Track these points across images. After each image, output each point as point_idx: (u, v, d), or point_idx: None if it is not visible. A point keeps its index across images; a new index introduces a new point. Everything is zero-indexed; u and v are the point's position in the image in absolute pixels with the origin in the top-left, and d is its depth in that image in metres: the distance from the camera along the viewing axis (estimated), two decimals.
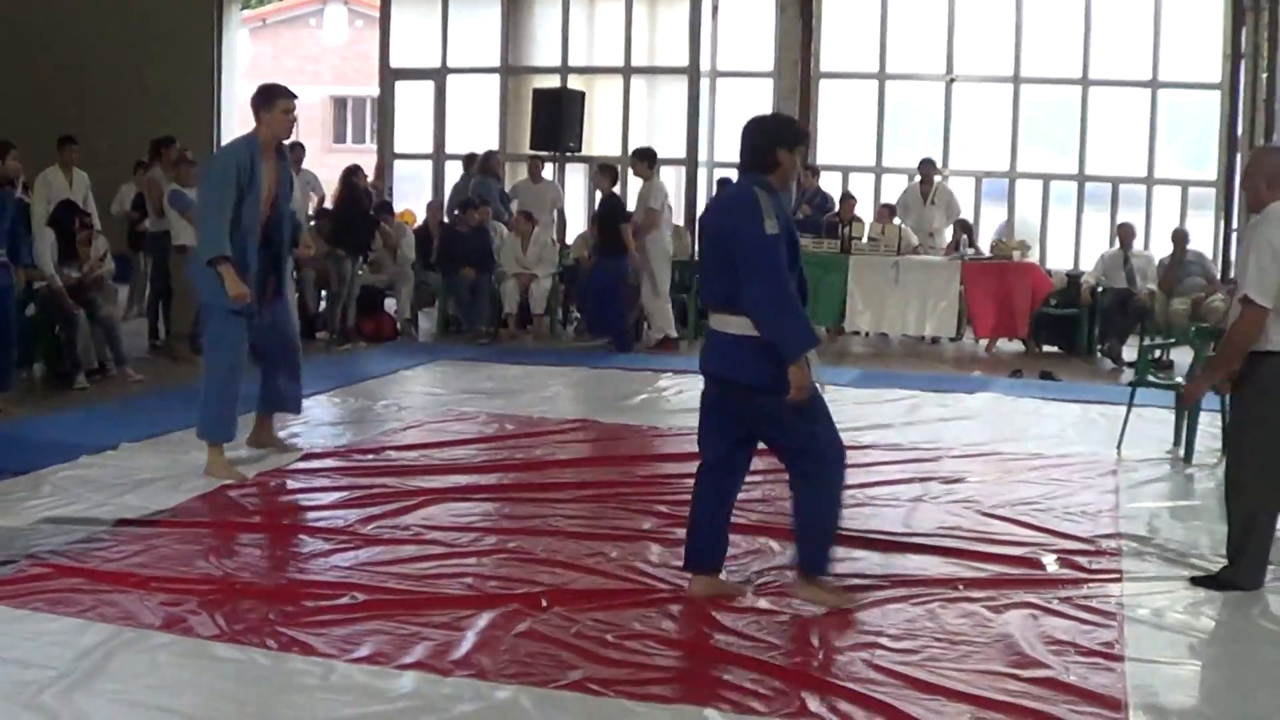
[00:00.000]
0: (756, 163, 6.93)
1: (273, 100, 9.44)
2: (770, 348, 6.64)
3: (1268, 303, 6.97)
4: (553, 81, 21.93)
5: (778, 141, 6.92)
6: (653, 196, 16.97)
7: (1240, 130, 19.86)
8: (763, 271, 6.63)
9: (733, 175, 20.50)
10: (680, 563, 7.33)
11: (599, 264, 17.07)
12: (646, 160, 17.15)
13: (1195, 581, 7.42)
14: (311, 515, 8.57)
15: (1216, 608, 7.11)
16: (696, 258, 15.54)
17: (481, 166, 19.83)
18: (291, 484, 9.39)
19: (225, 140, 22.81)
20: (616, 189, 17.58)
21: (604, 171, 17.53)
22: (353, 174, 17.46)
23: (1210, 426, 11.08)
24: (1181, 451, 10.90)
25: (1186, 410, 10.79)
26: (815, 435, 6.86)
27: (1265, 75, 19.68)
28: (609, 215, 16.99)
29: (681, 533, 7.58)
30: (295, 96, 9.64)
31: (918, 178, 19.28)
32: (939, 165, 19.87)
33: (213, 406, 9.57)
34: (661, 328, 17.25)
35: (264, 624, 6.44)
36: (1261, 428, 7.22)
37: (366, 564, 7.51)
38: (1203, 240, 19.25)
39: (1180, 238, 17.19)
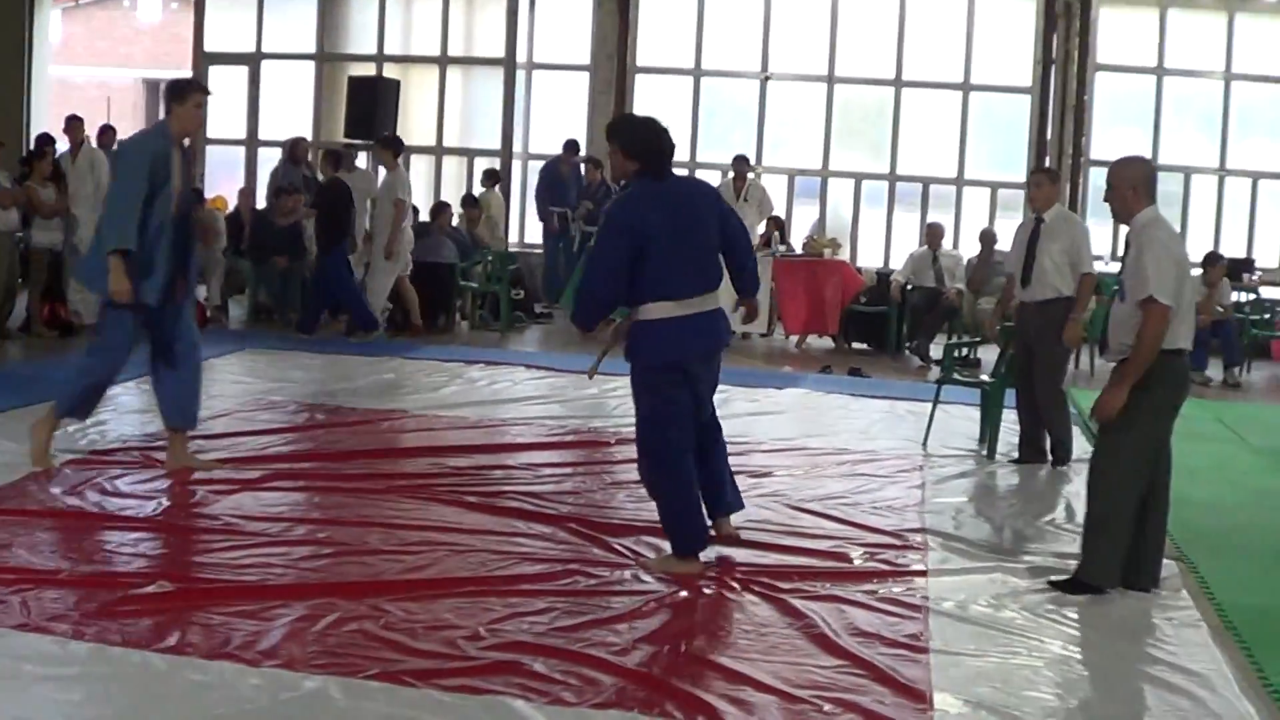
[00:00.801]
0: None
1: (185, 95, 9.17)
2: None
3: (1170, 301, 7.09)
4: (368, 70, 21.80)
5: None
6: (399, 186, 16.77)
7: (1050, 134, 20.21)
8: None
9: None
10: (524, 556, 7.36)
11: (323, 254, 16.71)
12: (392, 149, 17.08)
13: (1054, 584, 7.50)
14: (118, 504, 8.43)
15: (1020, 601, 7.25)
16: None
17: (289, 155, 19.65)
18: (99, 472, 9.22)
19: (34, 123, 22.50)
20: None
21: (328, 157, 17.42)
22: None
23: (1013, 424, 11.27)
24: (985, 449, 11.09)
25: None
26: None
27: (1074, 81, 20.05)
28: (332, 202, 16.63)
29: (493, 523, 7.75)
30: (209, 93, 9.46)
31: (731, 174, 19.39)
32: (752, 162, 19.98)
33: (77, 388, 9.42)
34: (374, 308, 16.92)
35: (69, 614, 6.34)
36: (1135, 426, 7.30)
37: (175, 554, 7.45)
38: (1010, 241, 19.53)
39: (988, 238, 17.49)
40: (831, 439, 11.55)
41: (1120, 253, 19.73)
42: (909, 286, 17.45)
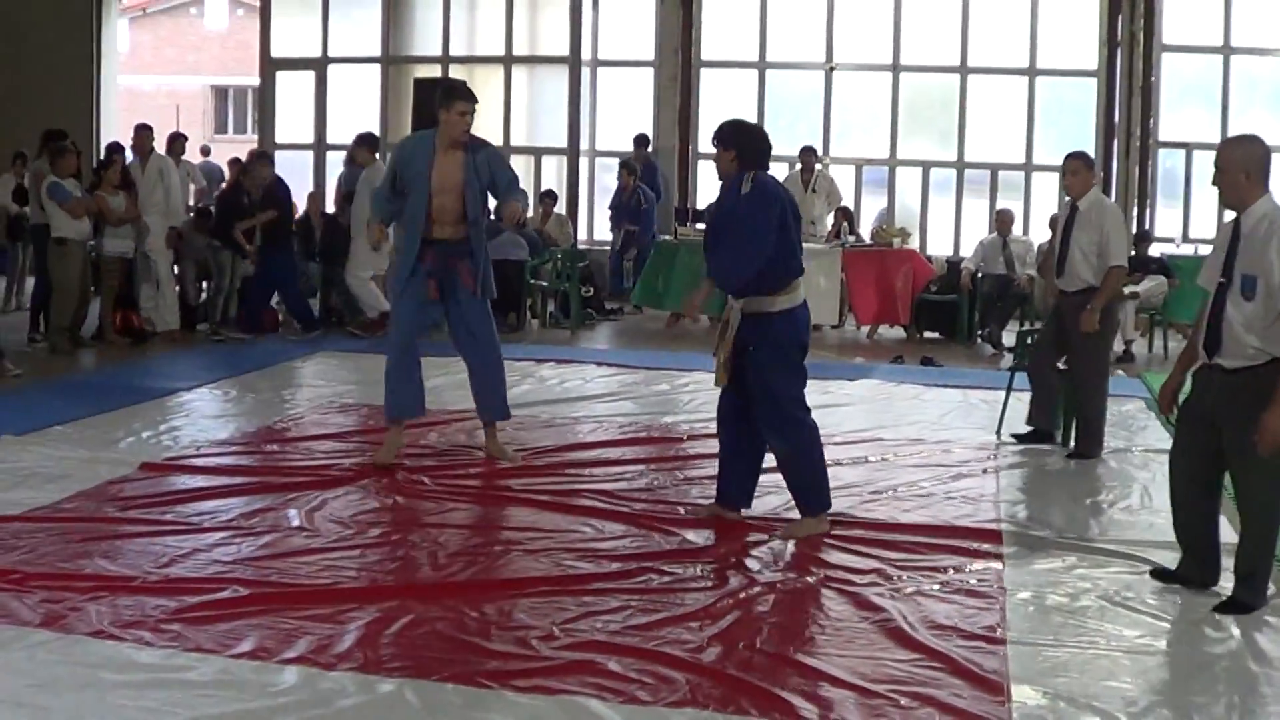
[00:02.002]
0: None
1: (450, 101, 9.63)
2: None
3: None
4: (434, 71, 21.82)
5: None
6: (366, 184, 16.43)
7: (1117, 117, 20.08)
8: None
9: (611, 164, 20.75)
10: (575, 556, 7.36)
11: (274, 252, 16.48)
12: (367, 145, 17.13)
13: (1216, 609, 6.94)
14: (193, 509, 8.47)
15: (1098, 590, 7.19)
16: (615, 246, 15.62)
17: (351, 157, 19.65)
18: (174, 477, 9.30)
19: (103, 131, 22.70)
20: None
21: (260, 159, 17.15)
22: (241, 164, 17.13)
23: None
24: (1059, 436, 11.01)
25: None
26: None
27: (1141, 62, 19.91)
28: (281, 202, 16.56)
29: (565, 522, 7.87)
30: (475, 100, 9.77)
31: (798, 166, 19.34)
32: (819, 153, 19.93)
33: (388, 384, 10.08)
34: (373, 306, 16.81)
35: (145, 620, 6.38)
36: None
37: (249, 558, 7.47)
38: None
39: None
40: (905, 429, 11.51)
41: (1211, 239, 19.63)
42: (979, 274, 17.35)
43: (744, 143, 8.40)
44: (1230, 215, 7.01)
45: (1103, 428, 10.65)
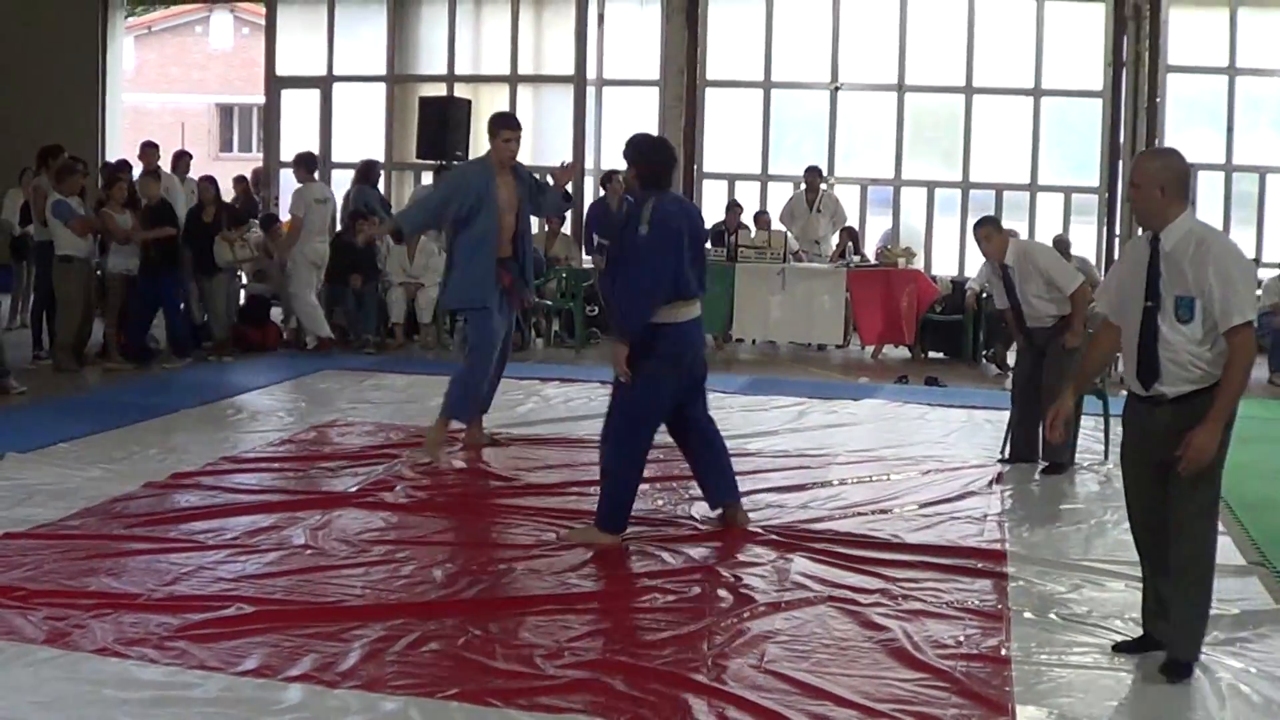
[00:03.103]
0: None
1: (496, 129, 10.64)
2: None
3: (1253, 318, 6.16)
4: (439, 90, 21.85)
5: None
6: (296, 203, 16.97)
7: (1122, 137, 20.08)
8: None
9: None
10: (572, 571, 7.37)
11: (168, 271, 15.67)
12: (304, 165, 17.38)
13: (1164, 672, 6.44)
14: (198, 526, 8.47)
15: (1102, 611, 7.19)
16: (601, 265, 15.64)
17: (361, 176, 19.72)
18: (178, 495, 9.31)
19: (109, 148, 22.73)
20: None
21: (148, 176, 16.54)
22: (210, 183, 16.90)
23: (1094, 431, 11.21)
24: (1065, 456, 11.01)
25: (1105, 411, 10.84)
26: None
27: (1146, 83, 19.92)
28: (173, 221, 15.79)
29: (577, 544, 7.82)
30: (519, 127, 10.76)
31: (803, 186, 19.35)
32: (824, 173, 19.94)
33: (465, 389, 10.69)
34: (313, 331, 16.91)
35: (149, 637, 6.38)
36: (1217, 475, 6.41)
37: (253, 575, 7.47)
38: (1085, 246, 19.51)
39: (1062, 244, 17.36)
40: (909, 449, 11.50)
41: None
42: (984, 294, 17.32)
43: (642, 159, 8.50)
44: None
45: (1076, 437, 10.86)
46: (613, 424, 8.51)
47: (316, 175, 17.47)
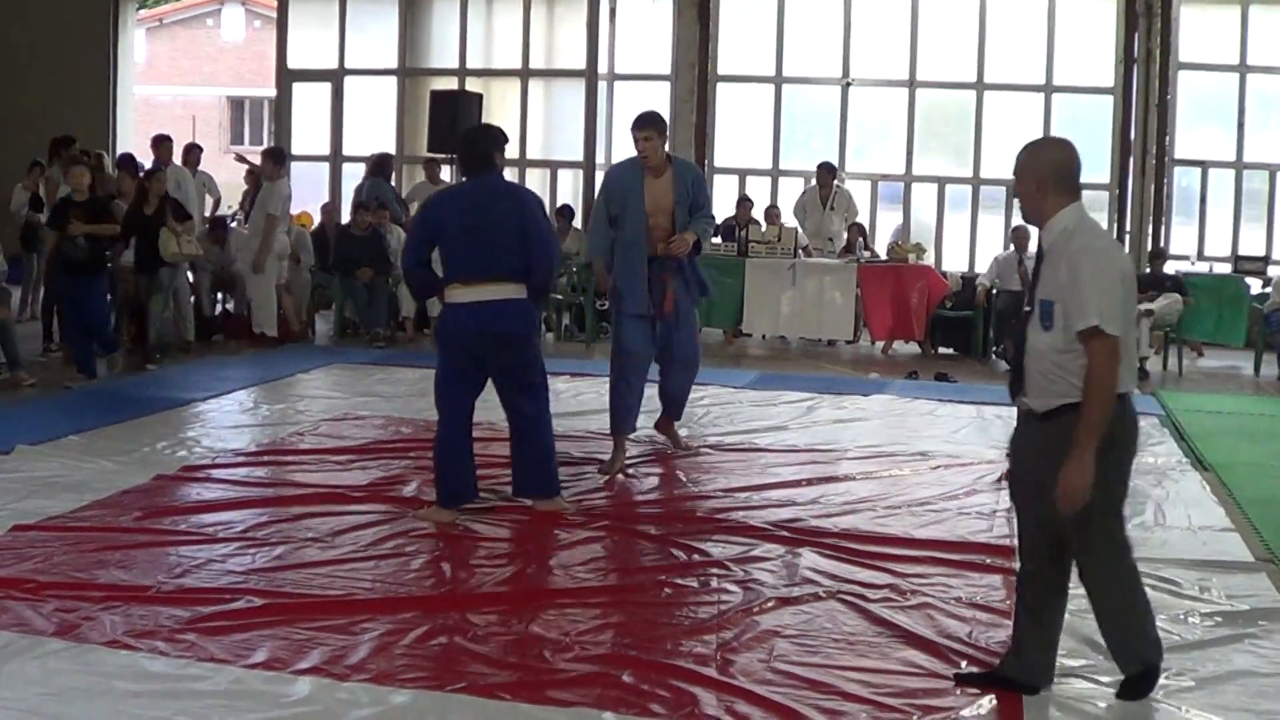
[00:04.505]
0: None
1: (633, 130, 10.22)
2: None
3: (1119, 331, 5.56)
4: (450, 84, 21.83)
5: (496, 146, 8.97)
6: (272, 200, 16.66)
7: (1133, 135, 20.05)
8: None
9: None
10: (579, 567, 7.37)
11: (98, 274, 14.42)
12: (274, 159, 17.09)
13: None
14: (208, 519, 8.49)
15: None
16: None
17: (374, 169, 19.72)
18: (188, 488, 9.33)
19: (120, 140, 22.77)
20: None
21: (74, 166, 15.05)
22: (147, 176, 15.61)
23: None
24: None
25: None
26: None
27: (1157, 80, 19.90)
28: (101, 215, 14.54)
29: (577, 535, 7.91)
30: (646, 125, 10.19)
31: (815, 181, 19.34)
32: (837, 170, 19.91)
33: (611, 399, 10.54)
34: (265, 327, 16.79)
35: (159, 630, 6.39)
36: (1112, 499, 5.93)
37: (262, 568, 7.48)
38: None
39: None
40: (919, 445, 11.49)
41: (1226, 256, 19.66)
42: (995, 290, 17.36)
43: (459, 150, 9.39)
44: None
45: None
46: None
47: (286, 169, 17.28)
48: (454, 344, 8.73)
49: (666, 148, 10.39)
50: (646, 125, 10.14)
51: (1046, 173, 5.88)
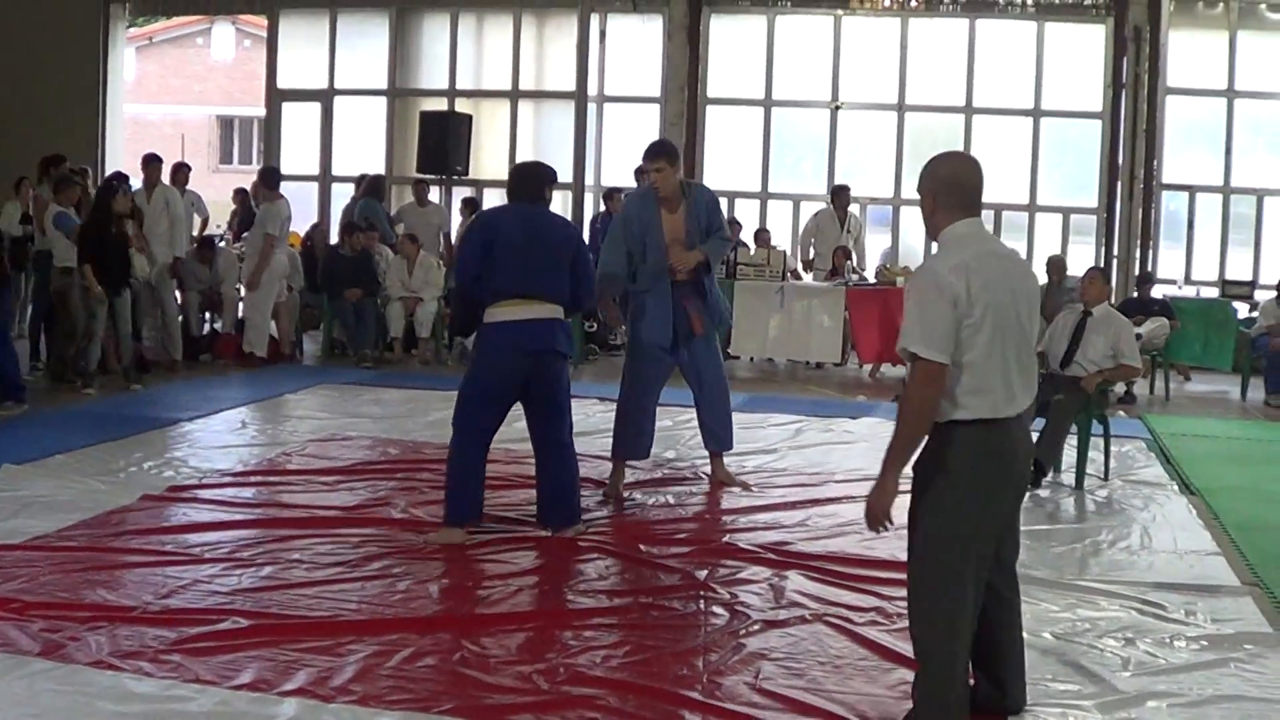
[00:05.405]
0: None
1: (644, 161, 10.28)
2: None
3: (941, 357, 5.55)
4: (440, 104, 21.89)
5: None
6: (270, 220, 16.65)
7: (1120, 159, 20.09)
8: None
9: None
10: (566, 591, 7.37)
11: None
12: (266, 182, 17.15)
13: None
14: (195, 539, 8.47)
15: (1096, 630, 7.19)
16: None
17: (367, 189, 19.74)
18: (175, 508, 9.31)
19: (110, 158, 22.76)
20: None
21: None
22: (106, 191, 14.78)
23: (1093, 450, 11.21)
24: (1062, 474, 11.03)
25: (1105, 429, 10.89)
26: None
27: (1145, 104, 19.94)
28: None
29: (564, 558, 7.93)
30: (656, 156, 10.10)
31: (831, 204, 19.34)
32: (823, 192, 19.93)
33: (615, 424, 10.42)
34: (256, 347, 16.81)
35: (144, 650, 6.38)
36: (945, 526, 5.87)
37: (249, 589, 7.47)
38: (1083, 267, 19.45)
39: (1058, 265, 17.40)
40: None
41: (1213, 280, 19.70)
42: None
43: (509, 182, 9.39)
44: None
45: (1051, 461, 11.03)
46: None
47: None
48: (497, 364, 8.68)
49: (680, 175, 10.29)
50: (658, 156, 10.07)
51: (938, 186, 5.65)
